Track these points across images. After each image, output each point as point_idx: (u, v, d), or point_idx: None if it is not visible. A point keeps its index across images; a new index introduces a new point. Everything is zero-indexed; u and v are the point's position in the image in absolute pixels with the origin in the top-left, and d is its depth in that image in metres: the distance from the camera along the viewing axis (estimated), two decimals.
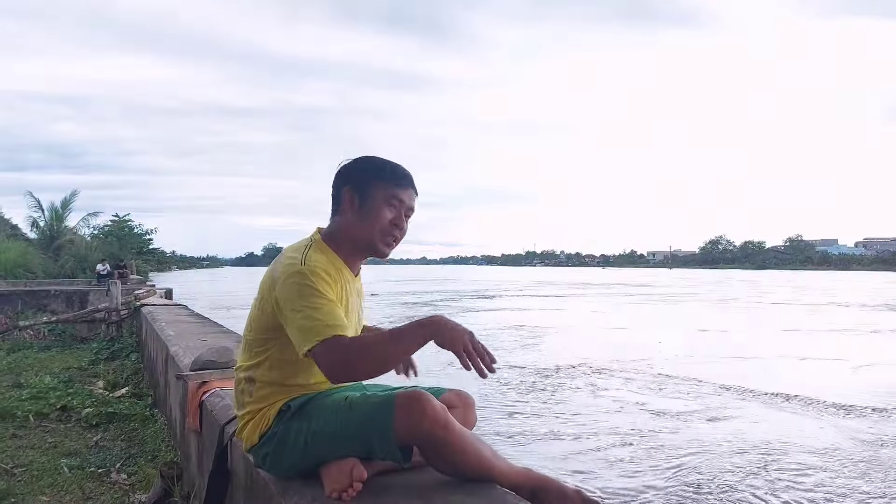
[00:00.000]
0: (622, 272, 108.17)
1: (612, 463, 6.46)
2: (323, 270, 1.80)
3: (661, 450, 6.87)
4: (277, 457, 1.84)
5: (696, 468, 6.28)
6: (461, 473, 1.75)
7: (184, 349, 4.79)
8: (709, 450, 6.88)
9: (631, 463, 6.44)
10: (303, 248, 1.86)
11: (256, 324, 1.90)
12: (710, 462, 6.48)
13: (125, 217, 60.34)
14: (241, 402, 1.94)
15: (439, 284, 55.45)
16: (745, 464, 6.45)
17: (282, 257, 1.88)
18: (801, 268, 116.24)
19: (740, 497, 5.58)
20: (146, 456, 4.56)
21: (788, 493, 5.71)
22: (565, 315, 24.47)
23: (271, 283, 1.84)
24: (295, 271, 1.78)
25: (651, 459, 6.54)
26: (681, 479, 5.97)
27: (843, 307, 28.67)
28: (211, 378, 3.24)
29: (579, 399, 9.44)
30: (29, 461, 4.44)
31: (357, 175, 1.93)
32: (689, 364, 12.32)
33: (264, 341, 1.88)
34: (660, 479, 5.97)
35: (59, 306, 15.51)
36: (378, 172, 1.92)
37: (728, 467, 6.32)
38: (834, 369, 12.22)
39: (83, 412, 5.78)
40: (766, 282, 60.63)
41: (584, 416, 8.34)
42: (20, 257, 29.34)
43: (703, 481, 5.94)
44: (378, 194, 1.89)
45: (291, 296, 1.75)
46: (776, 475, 6.15)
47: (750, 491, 5.72)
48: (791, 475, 6.14)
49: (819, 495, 5.68)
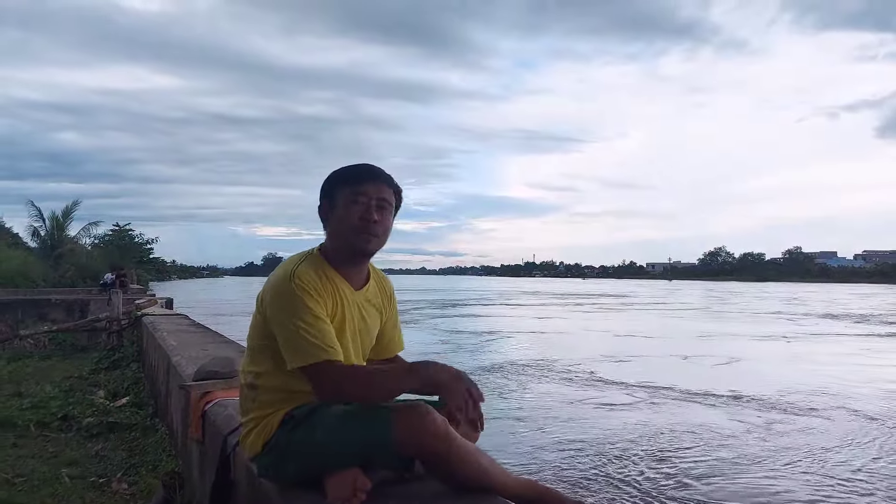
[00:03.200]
0: (611, 283, 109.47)
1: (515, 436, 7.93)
2: (311, 286, 1.82)
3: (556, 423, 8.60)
4: (281, 466, 1.86)
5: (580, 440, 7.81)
6: (463, 484, 1.77)
7: (186, 359, 4.80)
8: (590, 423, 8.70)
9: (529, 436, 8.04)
10: (296, 262, 1.89)
11: (256, 331, 1.93)
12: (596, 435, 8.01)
13: (126, 226, 60.28)
14: (246, 408, 1.97)
15: (420, 294, 57.15)
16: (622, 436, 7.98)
17: (275, 271, 1.92)
18: (801, 280, 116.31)
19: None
20: (147, 466, 4.56)
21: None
22: (516, 321, 27.53)
23: (264, 293, 1.89)
24: (282, 285, 1.82)
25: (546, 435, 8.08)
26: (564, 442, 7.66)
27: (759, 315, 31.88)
28: (214, 388, 3.26)
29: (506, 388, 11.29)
30: (30, 470, 4.45)
31: (326, 186, 1.98)
32: (593, 363, 14.32)
33: (265, 348, 1.89)
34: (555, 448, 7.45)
35: (60, 315, 15.52)
36: (339, 177, 1.97)
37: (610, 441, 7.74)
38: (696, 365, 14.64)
39: (84, 421, 5.79)
40: (744, 291, 65.01)
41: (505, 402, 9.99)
42: (21, 266, 29.33)
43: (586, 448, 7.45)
44: (342, 196, 1.93)
45: (279, 310, 1.80)
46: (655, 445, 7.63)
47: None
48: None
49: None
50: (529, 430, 8.23)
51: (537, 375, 12.60)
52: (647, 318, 30.25)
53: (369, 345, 2.06)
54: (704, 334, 21.88)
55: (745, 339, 20.53)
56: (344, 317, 1.91)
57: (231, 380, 3.33)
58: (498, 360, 14.61)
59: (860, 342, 19.75)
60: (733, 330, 23.51)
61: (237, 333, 9.55)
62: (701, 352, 16.74)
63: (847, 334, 22.30)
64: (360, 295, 2.00)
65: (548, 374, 12.74)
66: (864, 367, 14.24)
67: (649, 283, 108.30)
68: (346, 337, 1.91)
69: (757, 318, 29.68)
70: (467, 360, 14.74)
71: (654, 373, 12.81)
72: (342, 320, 1.90)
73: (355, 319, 1.96)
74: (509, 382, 11.79)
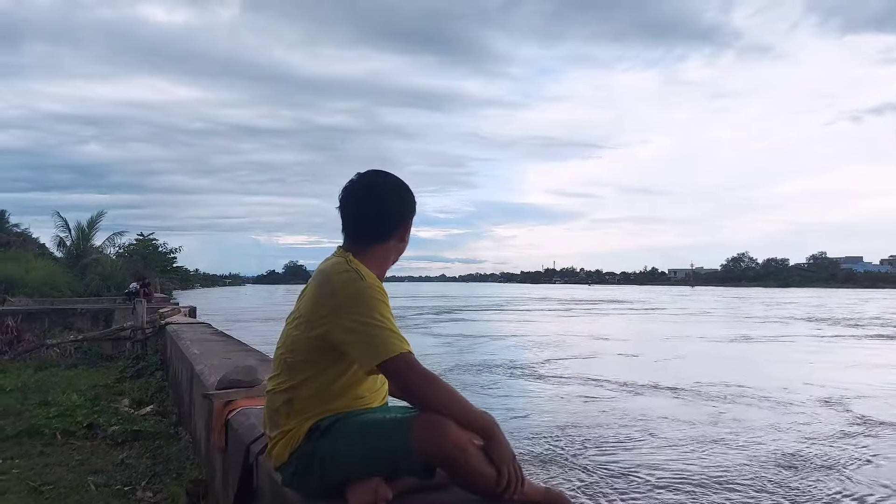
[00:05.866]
0: (627, 290, 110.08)
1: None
2: (377, 283, 1.86)
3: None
4: (304, 475, 1.87)
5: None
6: (483, 492, 1.76)
7: (209, 368, 4.83)
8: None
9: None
10: (351, 265, 1.86)
11: (300, 345, 1.87)
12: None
13: (150, 236, 61.02)
14: (276, 422, 1.94)
15: (434, 300, 59.50)
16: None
17: (330, 277, 1.85)
18: (825, 286, 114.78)
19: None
20: (171, 474, 4.61)
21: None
22: (505, 325, 30.01)
23: (323, 300, 1.83)
24: (359, 284, 1.80)
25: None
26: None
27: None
28: (237, 397, 3.28)
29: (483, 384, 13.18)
30: (56, 478, 4.51)
31: (413, 205, 2.03)
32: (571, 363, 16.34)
33: (310, 363, 1.86)
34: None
35: (86, 325, 15.70)
36: (414, 205, 2.03)
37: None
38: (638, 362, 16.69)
39: (109, 430, 5.86)
40: (754, 297, 67.59)
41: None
42: (47, 276, 29.79)
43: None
44: (408, 226, 2.01)
45: (358, 307, 1.77)
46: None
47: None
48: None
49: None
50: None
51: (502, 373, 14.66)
52: (619, 322, 32.34)
53: None
54: (666, 336, 23.92)
55: (700, 340, 22.64)
56: None
57: (254, 388, 3.35)
58: (475, 361, 16.55)
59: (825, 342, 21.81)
60: (698, 332, 25.50)
61: (252, 338, 9.97)
62: (650, 351, 18.91)
63: (807, 335, 24.12)
64: None
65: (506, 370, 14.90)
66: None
67: (667, 290, 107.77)
68: None
69: (736, 322, 31.85)
70: (445, 360, 16.46)
71: (593, 369, 14.96)
72: None
73: None
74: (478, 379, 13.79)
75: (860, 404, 10.79)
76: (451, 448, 1.69)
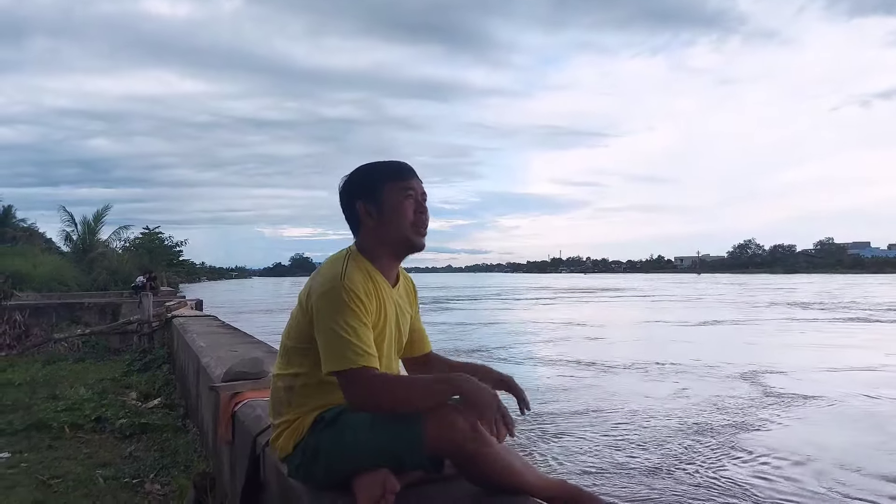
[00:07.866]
0: (631, 278, 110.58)
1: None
2: (360, 287, 1.81)
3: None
4: (311, 467, 1.85)
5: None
6: (493, 485, 1.74)
7: (215, 360, 4.82)
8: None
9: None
10: (342, 261, 1.86)
11: (297, 332, 1.90)
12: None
13: (156, 229, 61.14)
14: (278, 410, 1.95)
15: (436, 291, 59.24)
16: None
17: (321, 269, 1.89)
18: (832, 271, 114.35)
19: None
20: (179, 466, 4.60)
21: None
22: (495, 314, 30.50)
23: (309, 293, 1.86)
24: (332, 286, 1.79)
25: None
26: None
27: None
28: (243, 389, 3.27)
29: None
30: (65, 472, 4.51)
31: (364, 186, 1.95)
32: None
33: (305, 351, 1.87)
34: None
35: (93, 318, 15.74)
36: (382, 174, 1.94)
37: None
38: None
39: (117, 423, 5.86)
40: (755, 284, 67.41)
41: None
42: (54, 271, 29.88)
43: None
44: (392, 194, 1.91)
45: (326, 310, 1.77)
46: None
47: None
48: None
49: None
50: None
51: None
52: (602, 309, 32.77)
53: (403, 342, 2.06)
54: (638, 321, 24.64)
55: (667, 324, 22.97)
56: (386, 315, 1.91)
57: (260, 380, 3.34)
58: (446, 347, 16.61)
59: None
60: (671, 317, 25.75)
61: (258, 330, 10.00)
62: (613, 334, 19.67)
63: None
64: (395, 292, 2.00)
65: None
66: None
67: (672, 278, 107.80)
68: (385, 336, 1.92)
69: (721, 307, 32.02)
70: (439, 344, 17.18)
71: (544, 350, 15.89)
72: (384, 319, 1.90)
73: (394, 317, 1.96)
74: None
75: (775, 379, 11.33)
76: (460, 439, 1.67)
